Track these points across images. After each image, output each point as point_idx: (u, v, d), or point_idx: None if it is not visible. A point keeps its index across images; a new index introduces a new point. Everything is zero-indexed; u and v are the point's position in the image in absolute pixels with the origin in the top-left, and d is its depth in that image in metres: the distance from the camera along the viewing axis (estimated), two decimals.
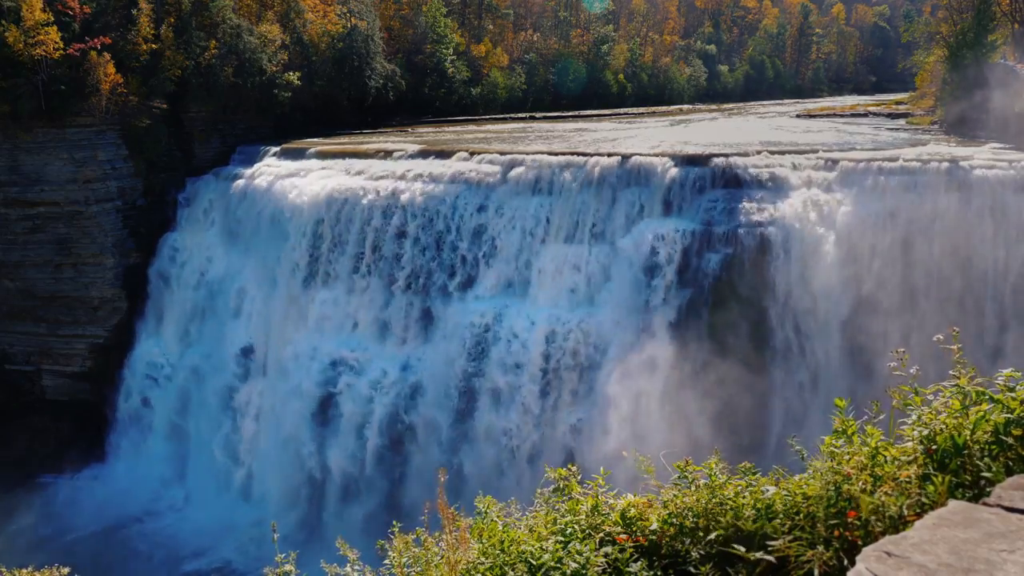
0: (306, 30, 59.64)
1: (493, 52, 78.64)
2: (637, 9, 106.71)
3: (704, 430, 31.14)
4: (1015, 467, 5.01)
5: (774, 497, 5.47)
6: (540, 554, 5.60)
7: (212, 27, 53.00)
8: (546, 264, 37.16)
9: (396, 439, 38.64)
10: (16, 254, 47.16)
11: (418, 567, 6.46)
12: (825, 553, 4.98)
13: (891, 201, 33.65)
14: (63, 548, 37.04)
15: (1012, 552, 4.11)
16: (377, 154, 44.56)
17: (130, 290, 47.59)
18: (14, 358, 48.51)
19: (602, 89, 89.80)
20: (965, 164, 34.08)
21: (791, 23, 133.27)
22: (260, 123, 55.13)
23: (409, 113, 67.30)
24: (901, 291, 32.96)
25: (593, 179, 37.40)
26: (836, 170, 35.19)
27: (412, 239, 39.78)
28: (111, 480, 45.20)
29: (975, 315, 31.95)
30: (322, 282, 41.68)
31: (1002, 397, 5.26)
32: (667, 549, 5.62)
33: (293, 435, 40.66)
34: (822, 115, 70.85)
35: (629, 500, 6.05)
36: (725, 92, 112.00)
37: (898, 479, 5.16)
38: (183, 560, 39.01)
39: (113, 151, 47.45)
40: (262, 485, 41.45)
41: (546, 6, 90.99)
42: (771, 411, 33.64)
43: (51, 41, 44.70)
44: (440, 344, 38.42)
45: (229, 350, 43.82)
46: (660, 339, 33.91)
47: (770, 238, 33.95)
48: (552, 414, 35.79)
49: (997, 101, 42.01)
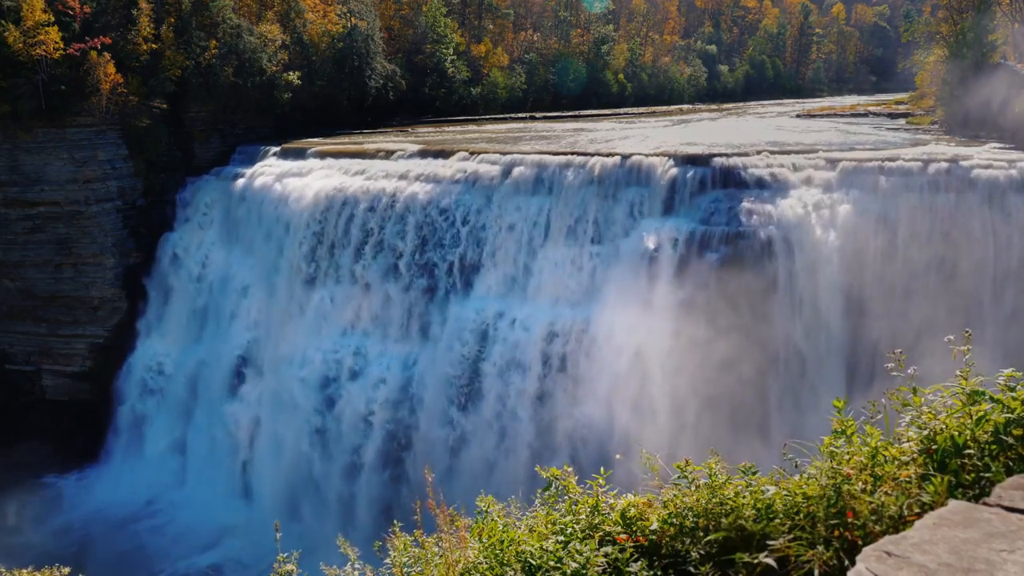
0: (306, 30, 59.65)
1: (493, 52, 78.64)
2: (637, 9, 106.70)
3: (703, 429, 31.16)
4: (1015, 467, 5.01)
5: (774, 497, 5.46)
6: (540, 554, 5.60)
7: (212, 27, 53.01)
8: (546, 264, 37.16)
9: (396, 439, 38.63)
10: (16, 254, 47.18)
11: (417, 567, 6.47)
12: (825, 553, 4.98)
13: (891, 201, 33.65)
14: (63, 548, 37.02)
15: (1012, 552, 4.11)
16: (377, 154, 44.57)
17: (130, 290, 47.60)
18: (14, 358, 48.52)
19: (602, 89, 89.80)
20: (965, 164, 34.09)
21: (791, 23, 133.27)
22: (260, 123, 55.14)
23: (409, 113, 67.31)
24: (901, 291, 32.96)
25: (593, 179, 37.40)
26: (836, 170, 35.19)
27: (412, 239, 39.78)
28: (111, 480, 45.19)
29: (975, 314, 31.92)
30: (322, 282, 41.69)
31: (1002, 397, 5.26)
32: (667, 549, 5.62)
33: (293, 435, 40.66)
34: (822, 115, 70.83)
35: (629, 500, 6.05)
36: (725, 92, 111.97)
37: (898, 479, 5.16)
38: (183, 560, 39.00)
39: (113, 151, 47.46)
40: (262, 485, 41.44)
41: (546, 6, 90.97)
42: (771, 410, 33.64)
43: (51, 41, 44.72)
44: (440, 344, 38.42)
45: (229, 350, 43.82)
46: (660, 339, 33.89)
47: (770, 238, 33.95)
48: (552, 414, 35.78)
49: (997, 101, 42.01)
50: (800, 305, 33.97)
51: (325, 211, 41.92)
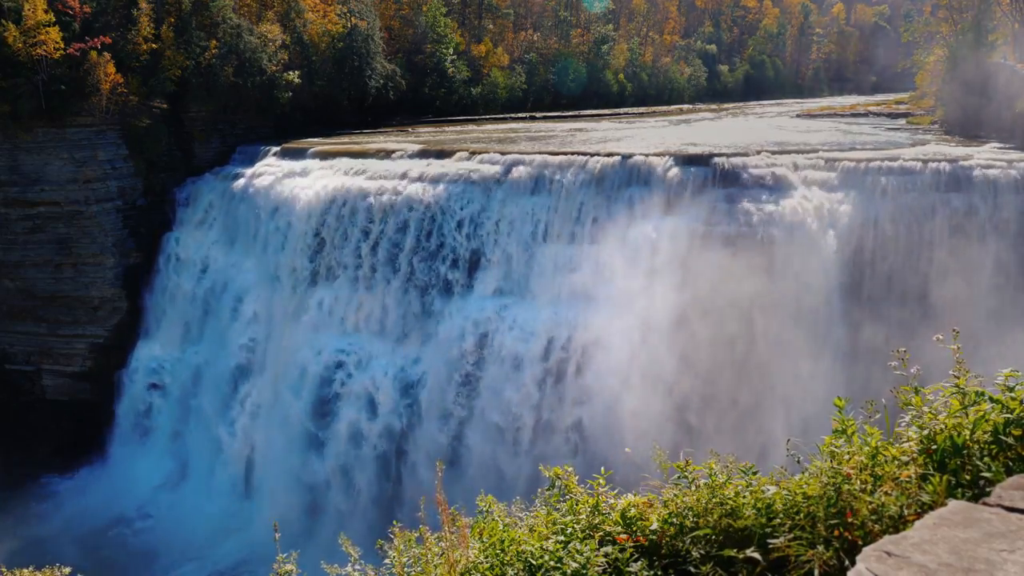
0: (306, 30, 59.64)
1: (493, 52, 78.59)
2: (637, 9, 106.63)
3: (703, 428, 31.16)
4: (1015, 467, 5.01)
5: (774, 497, 5.47)
6: (540, 554, 5.61)
7: (212, 27, 53.00)
8: (546, 263, 37.17)
9: (396, 438, 38.64)
10: (16, 254, 47.17)
11: (418, 566, 6.47)
12: (825, 553, 4.98)
13: (891, 201, 33.66)
14: (63, 548, 37.02)
15: (1012, 552, 4.12)
16: (377, 154, 44.57)
17: (130, 290, 47.60)
18: (14, 358, 48.52)
19: (602, 89, 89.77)
20: (965, 164, 34.09)
21: (791, 23, 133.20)
22: (260, 123, 55.12)
23: (409, 113, 67.26)
24: (901, 290, 32.97)
25: (593, 179, 37.42)
26: (836, 170, 35.20)
27: (412, 239, 39.79)
28: (111, 480, 45.18)
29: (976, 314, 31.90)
30: (322, 282, 41.69)
31: (1001, 397, 5.27)
32: (667, 549, 5.63)
33: (293, 434, 40.67)
34: (822, 115, 70.84)
35: (629, 500, 6.06)
36: (725, 92, 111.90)
37: (898, 479, 5.17)
38: (183, 559, 39.01)
39: (113, 151, 47.46)
40: (262, 484, 41.44)
41: (546, 6, 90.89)
42: (771, 410, 33.62)
43: (51, 41, 44.70)
44: (440, 343, 38.42)
45: (229, 350, 43.83)
46: (660, 338, 33.91)
47: (771, 237, 33.95)
48: (552, 413, 35.79)
49: (997, 101, 42.03)
50: (800, 304, 33.95)
51: (325, 211, 41.93)
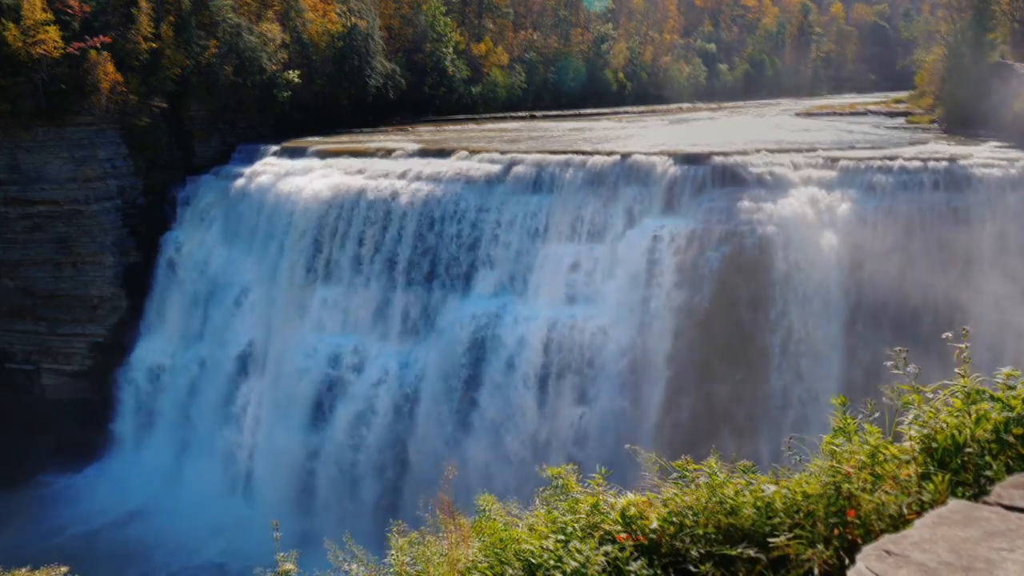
0: (306, 29, 59.62)
1: (493, 51, 78.57)
2: (637, 8, 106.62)
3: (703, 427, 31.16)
4: (1015, 466, 5.01)
5: (774, 496, 5.46)
6: (540, 553, 5.60)
7: (212, 26, 52.97)
8: (546, 263, 37.16)
9: (395, 437, 38.63)
10: (16, 253, 47.13)
11: (418, 565, 6.47)
12: (825, 552, 4.98)
13: (891, 199, 33.66)
14: (62, 547, 37.00)
15: (1012, 551, 4.11)
16: (377, 153, 44.57)
17: (130, 289, 47.58)
18: (14, 357, 48.48)
19: (602, 88, 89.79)
20: (964, 163, 34.09)
21: (791, 22, 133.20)
22: (260, 122, 55.12)
23: (409, 112, 67.23)
24: (901, 290, 32.95)
25: (593, 178, 37.41)
26: (836, 169, 35.20)
27: (412, 238, 39.79)
28: (110, 479, 45.16)
29: (975, 314, 31.92)
30: (322, 281, 41.67)
31: (1002, 395, 5.26)
32: (667, 548, 5.62)
33: (292, 434, 40.65)
34: (821, 114, 70.84)
35: (629, 499, 6.05)
36: (725, 91, 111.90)
37: (898, 478, 5.16)
38: (182, 559, 38.99)
39: (113, 150, 47.43)
40: (262, 484, 41.43)
41: (546, 5, 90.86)
42: (772, 409, 33.64)
43: (51, 40, 44.65)
44: (440, 342, 38.43)
45: (229, 349, 43.81)
46: (659, 338, 33.90)
47: (770, 237, 33.94)
48: (552, 413, 35.79)
49: (997, 100, 42.03)
50: (800, 304, 33.96)
51: (325, 210, 41.91)
